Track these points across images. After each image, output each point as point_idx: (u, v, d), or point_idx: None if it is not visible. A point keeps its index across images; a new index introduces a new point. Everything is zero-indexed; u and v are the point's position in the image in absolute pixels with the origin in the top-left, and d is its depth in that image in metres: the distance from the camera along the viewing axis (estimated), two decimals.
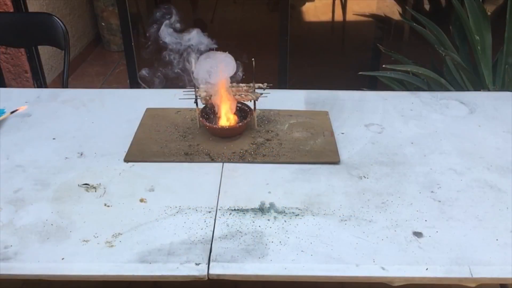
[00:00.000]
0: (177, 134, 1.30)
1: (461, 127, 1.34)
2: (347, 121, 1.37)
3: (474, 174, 1.15)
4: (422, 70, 2.13)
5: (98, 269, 0.89)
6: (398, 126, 1.34)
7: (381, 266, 0.89)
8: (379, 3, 3.20)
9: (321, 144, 1.25)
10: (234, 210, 1.03)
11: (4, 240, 0.95)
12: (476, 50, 2.12)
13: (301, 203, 1.05)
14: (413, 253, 0.92)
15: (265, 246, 0.94)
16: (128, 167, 1.17)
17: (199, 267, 0.89)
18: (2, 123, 1.34)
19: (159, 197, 1.07)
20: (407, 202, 1.05)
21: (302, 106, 1.45)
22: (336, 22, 3.31)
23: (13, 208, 1.04)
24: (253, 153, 1.22)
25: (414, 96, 1.50)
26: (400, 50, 2.74)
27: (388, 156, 1.21)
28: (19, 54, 2.84)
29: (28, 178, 1.13)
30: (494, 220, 1.00)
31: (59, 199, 1.06)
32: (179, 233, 0.97)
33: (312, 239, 0.95)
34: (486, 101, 1.47)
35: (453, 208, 1.04)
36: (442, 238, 0.96)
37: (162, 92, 1.49)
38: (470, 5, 2.11)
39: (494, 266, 0.90)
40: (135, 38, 2.76)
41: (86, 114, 1.41)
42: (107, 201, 1.06)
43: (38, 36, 1.96)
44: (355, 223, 0.99)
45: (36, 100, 1.48)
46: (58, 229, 0.98)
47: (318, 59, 3.17)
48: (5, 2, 2.66)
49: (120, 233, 0.97)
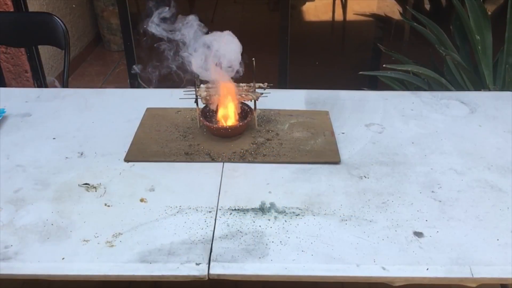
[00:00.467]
0: (178, 134, 1.30)
1: (461, 127, 1.34)
2: (348, 121, 1.36)
3: (474, 174, 1.14)
4: (422, 70, 2.13)
5: (98, 269, 0.89)
6: (399, 126, 1.34)
7: (381, 266, 0.89)
8: (380, 3, 3.20)
9: (322, 144, 1.25)
10: (235, 210, 1.03)
11: (4, 240, 0.95)
12: (476, 49, 2.12)
13: (301, 203, 1.05)
14: (413, 253, 0.92)
15: (265, 246, 0.94)
16: (128, 167, 1.17)
17: (199, 267, 0.89)
18: (2, 123, 1.34)
19: (160, 197, 1.07)
20: (408, 202, 1.05)
21: (303, 106, 1.45)
22: (336, 22, 3.31)
23: (13, 208, 1.04)
24: (254, 153, 1.22)
25: (414, 96, 1.50)
26: (400, 49, 2.74)
27: (389, 156, 1.21)
28: (19, 53, 2.83)
29: (28, 178, 1.13)
30: (495, 220, 1.00)
31: (59, 199, 1.06)
32: (180, 233, 0.97)
33: (312, 239, 0.95)
34: (486, 101, 1.46)
35: (454, 208, 1.03)
36: (442, 238, 0.96)
37: (162, 92, 1.49)
38: (470, 4, 2.11)
39: (495, 266, 0.90)
40: (135, 37, 2.76)
41: (86, 114, 1.41)
42: (108, 201, 1.06)
43: (38, 35, 1.96)
44: (355, 223, 0.99)
45: (36, 100, 1.48)
46: (59, 229, 0.98)
47: (319, 59, 3.17)
48: (5, 2, 2.66)
49: (121, 233, 0.97)
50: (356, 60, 3.20)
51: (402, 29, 3.11)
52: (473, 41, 2.12)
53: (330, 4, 3.28)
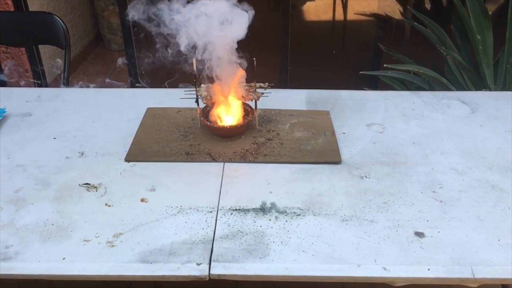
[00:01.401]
0: (178, 134, 1.30)
1: (462, 127, 1.34)
2: (349, 121, 1.36)
3: (475, 174, 1.14)
4: (423, 70, 2.13)
5: (99, 269, 0.89)
6: (400, 126, 1.34)
7: (382, 266, 0.89)
8: (380, 2, 3.20)
9: (323, 144, 1.25)
10: (235, 210, 1.03)
11: (5, 240, 0.95)
12: (477, 49, 2.12)
13: (302, 203, 1.05)
14: (414, 253, 0.92)
15: (266, 246, 0.93)
16: (129, 167, 1.17)
17: (200, 267, 0.89)
18: (3, 123, 1.34)
19: (160, 196, 1.07)
20: (409, 202, 1.05)
21: (303, 105, 1.44)
22: (337, 21, 3.31)
23: (14, 208, 1.04)
24: (254, 152, 1.21)
25: (415, 96, 1.50)
26: (401, 49, 2.74)
27: (390, 156, 1.21)
28: (19, 53, 2.83)
29: (29, 178, 1.13)
30: (496, 220, 1.00)
31: (60, 198, 1.06)
32: (180, 233, 0.97)
33: (313, 239, 0.95)
34: (487, 101, 1.46)
35: (455, 208, 1.03)
36: (444, 238, 0.95)
37: (162, 92, 1.49)
38: (471, 4, 2.11)
39: (496, 266, 0.90)
40: (135, 37, 2.75)
41: (87, 113, 1.41)
42: (108, 201, 1.05)
43: (39, 35, 1.96)
44: (356, 223, 0.99)
45: (36, 100, 1.48)
46: (59, 229, 0.98)
47: (319, 59, 3.17)
48: (6, 1, 2.66)
49: (121, 233, 0.96)
50: (356, 60, 3.21)
51: (403, 29, 3.11)
52: (474, 41, 2.11)
53: (331, 4, 3.28)
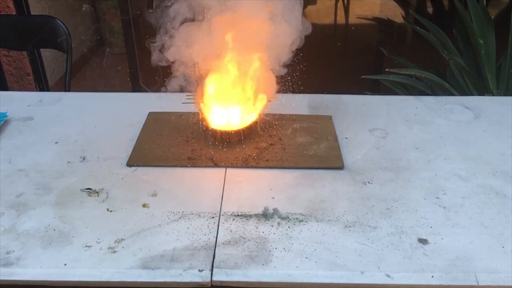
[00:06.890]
0: (180, 139, 1.29)
1: (465, 132, 1.33)
2: (351, 126, 1.36)
3: (479, 180, 1.14)
4: (425, 74, 2.13)
5: (101, 275, 0.89)
6: (402, 131, 1.33)
7: (386, 273, 0.89)
8: (382, 6, 3.20)
9: (325, 149, 1.24)
10: (238, 216, 1.02)
11: (6, 245, 0.94)
12: (479, 54, 2.11)
13: (305, 209, 1.04)
14: (418, 260, 0.91)
15: (268, 252, 0.93)
16: (130, 172, 1.17)
17: (202, 273, 0.88)
18: (4, 127, 1.34)
19: (162, 202, 1.06)
20: (412, 208, 1.04)
21: (305, 110, 1.44)
22: (338, 25, 3.32)
23: (15, 213, 1.03)
24: (257, 158, 1.21)
25: (418, 101, 1.49)
26: (403, 53, 2.74)
27: (392, 161, 1.21)
28: (21, 56, 2.84)
29: (30, 183, 1.12)
30: (500, 227, 0.99)
31: (61, 203, 1.06)
32: (182, 238, 0.96)
33: (316, 245, 0.94)
34: (491, 106, 1.46)
35: (459, 215, 1.03)
36: (447, 245, 0.95)
37: (164, 96, 1.48)
38: (473, 8, 2.11)
39: (500, 273, 0.89)
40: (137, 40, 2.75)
41: (89, 117, 1.40)
42: (110, 206, 1.05)
43: (41, 39, 1.96)
44: (359, 230, 0.98)
45: (38, 104, 1.47)
46: (61, 234, 0.97)
47: (321, 63, 3.17)
48: (8, 5, 2.66)
49: (123, 238, 0.96)
50: (358, 64, 3.20)
51: (405, 33, 3.11)
52: (476, 45, 2.11)
53: (332, 8, 3.29)
